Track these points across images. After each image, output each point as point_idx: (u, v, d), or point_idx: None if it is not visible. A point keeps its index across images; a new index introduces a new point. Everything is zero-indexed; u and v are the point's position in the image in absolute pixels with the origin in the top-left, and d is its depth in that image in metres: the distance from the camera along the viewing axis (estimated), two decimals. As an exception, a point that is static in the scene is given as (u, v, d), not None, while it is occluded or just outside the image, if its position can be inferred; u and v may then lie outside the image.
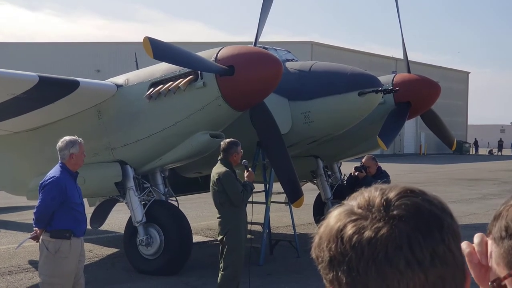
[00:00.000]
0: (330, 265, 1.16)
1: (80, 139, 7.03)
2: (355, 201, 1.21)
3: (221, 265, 8.12)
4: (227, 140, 8.35)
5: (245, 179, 8.28)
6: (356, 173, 10.38)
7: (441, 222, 1.16)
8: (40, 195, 6.85)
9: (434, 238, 1.13)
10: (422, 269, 1.10)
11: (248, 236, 8.95)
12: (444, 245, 1.13)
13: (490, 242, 1.34)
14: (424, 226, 1.13)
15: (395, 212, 1.14)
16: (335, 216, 1.19)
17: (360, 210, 1.17)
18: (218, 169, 8.11)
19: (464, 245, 1.32)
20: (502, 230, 1.32)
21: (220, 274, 8.13)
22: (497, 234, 1.33)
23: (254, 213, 10.23)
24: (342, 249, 1.13)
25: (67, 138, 6.97)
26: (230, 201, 7.97)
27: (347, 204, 1.21)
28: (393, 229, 1.12)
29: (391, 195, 1.18)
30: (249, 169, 8.54)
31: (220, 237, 8.11)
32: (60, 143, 6.94)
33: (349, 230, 1.14)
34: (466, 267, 1.19)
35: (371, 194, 1.20)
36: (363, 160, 10.51)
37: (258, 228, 11.19)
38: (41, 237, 6.86)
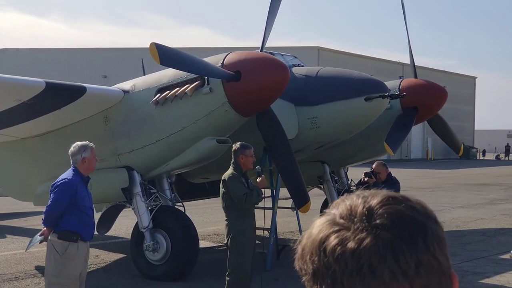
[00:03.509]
0: (314, 278, 1.13)
1: (91, 143, 7.21)
2: (337, 209, 1.18)
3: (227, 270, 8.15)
4: (239, 142, 8.35)
5: (257, 185, 8.27)
6: (366, 179, 10.30)
7: (425, 229, 1.13)
8: (51, 195, 7.00)
9: (418, 247, 1.10)
10: (407, 280, 1.08)
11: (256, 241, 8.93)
12: (429, 253, 1.10)
13: None
14: (408, 234, 1.10)
15: (378, 221, 1.11)
16: (317, 227, 1.17)
17: (342, 220, 1.14)
18: (227, 171, 8.14)
19: None
20: None
21: (226, 280, 8.14)
22: None
23: (261, 218, 10.24)
24: (325, 261, 1.11)
25: (78, 143, 7.15)
26: (235, 204, 7.98)
27: (329, 214, 1.18)
28: (377, 239, 1.09)
29: (373, 203, 1.15)
30: (262, 176, 8.52)
31: (226, 241, 8.16)
32: (72, 148, 7.13)
33: (332, 241, 1.11)
34: (452, 272, 1.16)
35: (353, 202, 1.17)
36: (374, 166, 10.43)
37: (265, 233, 11.16)
38: (49, 238, 6.98)
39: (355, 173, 13.82)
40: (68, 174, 7.07)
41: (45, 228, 7.06)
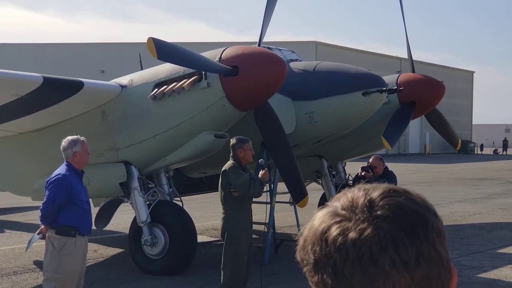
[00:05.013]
0: (315, 268, 1.15)
1: (83, 137, 7.15)
2: (338, 202, 1.20)
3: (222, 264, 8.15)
4: (236, 137, 8.35)
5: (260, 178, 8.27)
6: (363, 173, 10.31)
7: (426, 221, 1.14)
8: (46, 192, 6.97)
9: (418, 238, 1.11)
10: (407, 270, 1.09)
11: (253, 236, 8.93)
12: (429, 244, 1.12)
13: None
14: (408, 225, 1.12)
15: (378, 213, 1.13)
16: (319, 218, 1.18)
17: (344, 212, 1.16)
18: (227, 163, 8.15)
19: None
20: None
21: (221, 274, 8.13)
22: None
23: (259, 213, 10.25)
24: (327, 251, 1.12)
25: (69, 137, 7.12)
26: (234, 197, 7.95)
27: (331, 206, 1.20)
28: (377, 230, 1.11)
29: (375, 195, 1.17)
30: (265, 168, 8.52)
31: (221, 232, 8.16)
32: (63, 143, 7.10)
33: (334, 232, 1.13)
34: (451, 266, 1.17)
35: (355, 194, 1.19)
36: (370, 160, 10.44)
37: (264, 228, 11.17)
38: (47, 234, 6.96)
39: (353, 168, 13.83)
40: (61, 169, 7.03)
41: (43, 226, 7.05)
